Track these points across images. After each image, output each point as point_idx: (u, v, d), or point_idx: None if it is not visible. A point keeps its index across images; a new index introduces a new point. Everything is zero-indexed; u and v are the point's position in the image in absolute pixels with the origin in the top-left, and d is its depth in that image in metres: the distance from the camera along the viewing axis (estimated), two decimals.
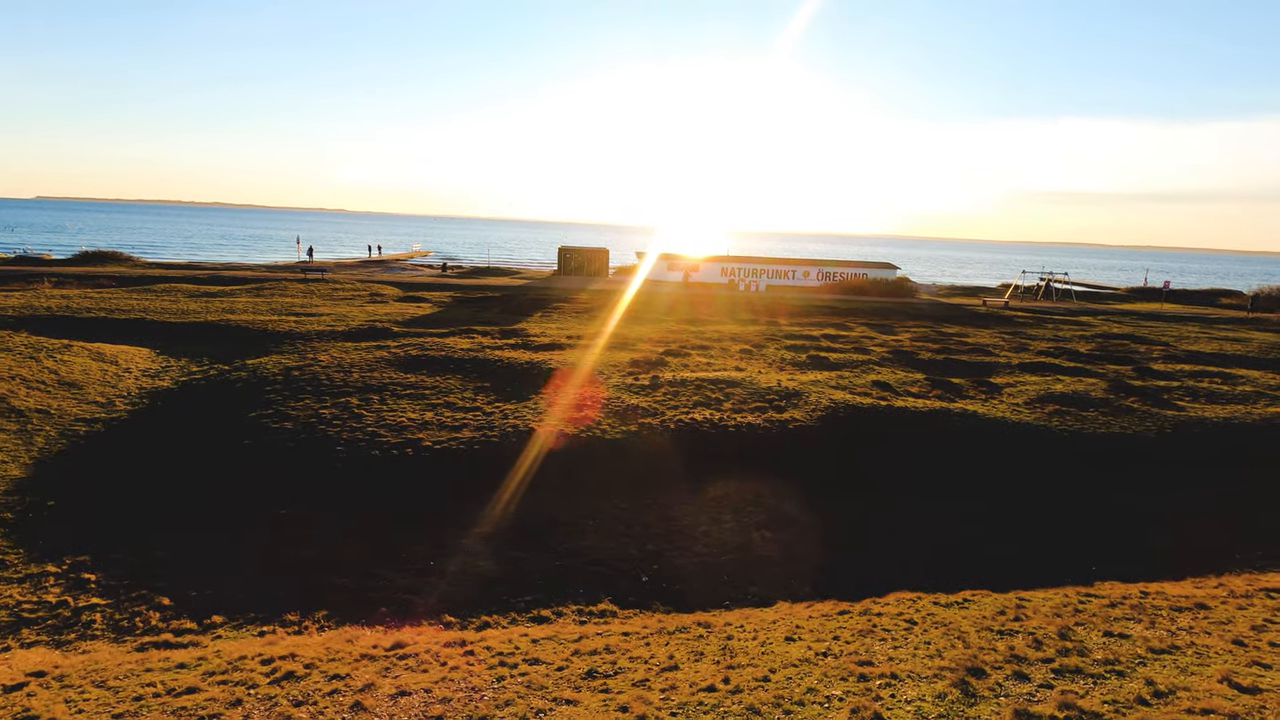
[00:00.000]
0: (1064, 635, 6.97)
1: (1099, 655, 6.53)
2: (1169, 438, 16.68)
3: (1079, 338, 36.07)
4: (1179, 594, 8.69)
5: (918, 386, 20.88)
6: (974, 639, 6.92)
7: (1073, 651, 6.55)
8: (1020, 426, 16.78)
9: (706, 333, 31.58)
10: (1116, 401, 19.42)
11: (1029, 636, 6.98)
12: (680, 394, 18.09)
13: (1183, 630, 7.28)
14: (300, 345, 24.11)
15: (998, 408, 18.55)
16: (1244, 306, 56.17)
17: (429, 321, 32.31)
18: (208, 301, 34.75)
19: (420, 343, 24.06)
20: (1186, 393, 21.75)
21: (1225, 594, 8.76)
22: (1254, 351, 32.24)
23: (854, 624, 7.58)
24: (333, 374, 18.67)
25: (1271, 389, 22.68)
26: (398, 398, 16.93)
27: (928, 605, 8.30)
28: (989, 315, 45.15)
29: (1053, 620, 7.45)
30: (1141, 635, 7.08)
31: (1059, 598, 8.65)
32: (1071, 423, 17.47)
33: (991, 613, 7.89)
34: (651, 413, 16.24)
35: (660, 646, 7.06)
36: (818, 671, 6.28)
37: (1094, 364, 26.85)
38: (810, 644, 6.90)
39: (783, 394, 18.28)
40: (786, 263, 63.43)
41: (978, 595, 8.79)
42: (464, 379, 19.27)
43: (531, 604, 9.20)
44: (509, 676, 6.31)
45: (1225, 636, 6.96)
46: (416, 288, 46.90)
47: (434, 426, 14.62)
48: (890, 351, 28.01)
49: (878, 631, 7.29)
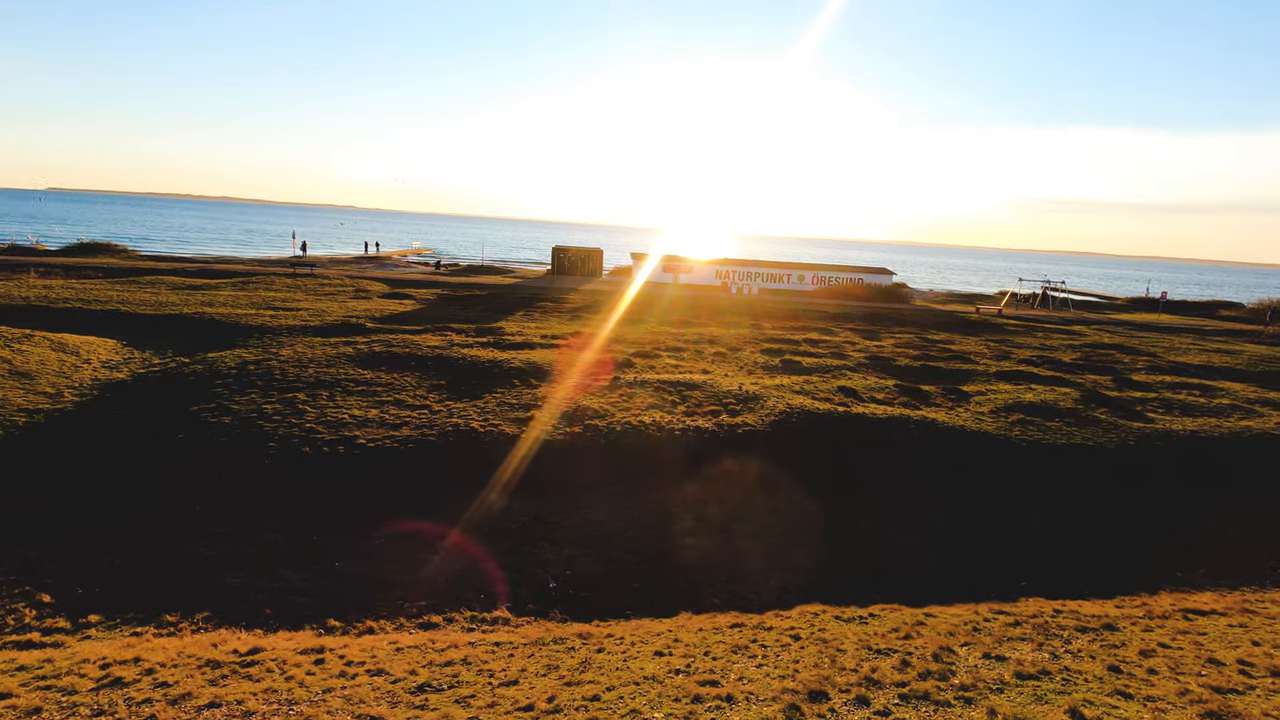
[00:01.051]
0: (938, 657, 6.67)
1: (961, 679, 6.23)
2: (1130, 450, 16.31)
3: (1066, 347, 35.64)
4: (1094, 613, 8.37)
5: (885, 393, 20.56)
6: (847, 658, 6.62)
7: (934, 675, 6.24)
8: (978, 435, 16.45)
9: (686, 335, 31.31)
10: (1085, 412, 19.07)
11: (904, 657, 6.67)
12: (637, 396, 17.84)
13: (1069, 653, 6.95)
14: (268, 339, 23.98)
15: (961, 416, 18.22)
16: (1246, 319, 55.51)
17: (407, 318, 32.15)
18: (189, 294, 34.69)
19: (389, 339, 23.89)
20: (1161, 404, 21.37)
21: (1142, 614, 8.43)
22: (1242, 364, 31.76)
23: (736, 639, 7.29)
24: (289, 369, 18.50)
25: (1249, 402, 22.27)
26: (348, 394, 16.74)
27: (827, 620, 8.02)
28: (980, 323, 44.73)
29: (941, 639, 7.14)
30: (1020, 658, 6.76)
31: (967, 614, 8.34)
32: (1034, 433, 17.12)
33: (886, 629, 7.59)
34: (601, 415, 15.99)
35: (523, 659, 6.80)
36: (654, 691, 6.01)
37: (1073, 374, 26.47)
38: (672, 660, 6.61)
39: (741, 398, 18.01)
40: (782, 266, 63.08)
41: (886, 610, 8.49)
42: (421, 376, 19.07)
43: (426, 609, 8.97)
44: (337, 689, 6.06)
45: (1107, 661, 6.63)
46: (405, 284, 46.81)
47: (374, 424, 14.42)
48: (868, 357, 27.68)
49: (753, 648, 7.00)
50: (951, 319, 46.22)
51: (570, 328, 31.63)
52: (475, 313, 35.99)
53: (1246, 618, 8.32)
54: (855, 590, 9.76)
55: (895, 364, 26.71)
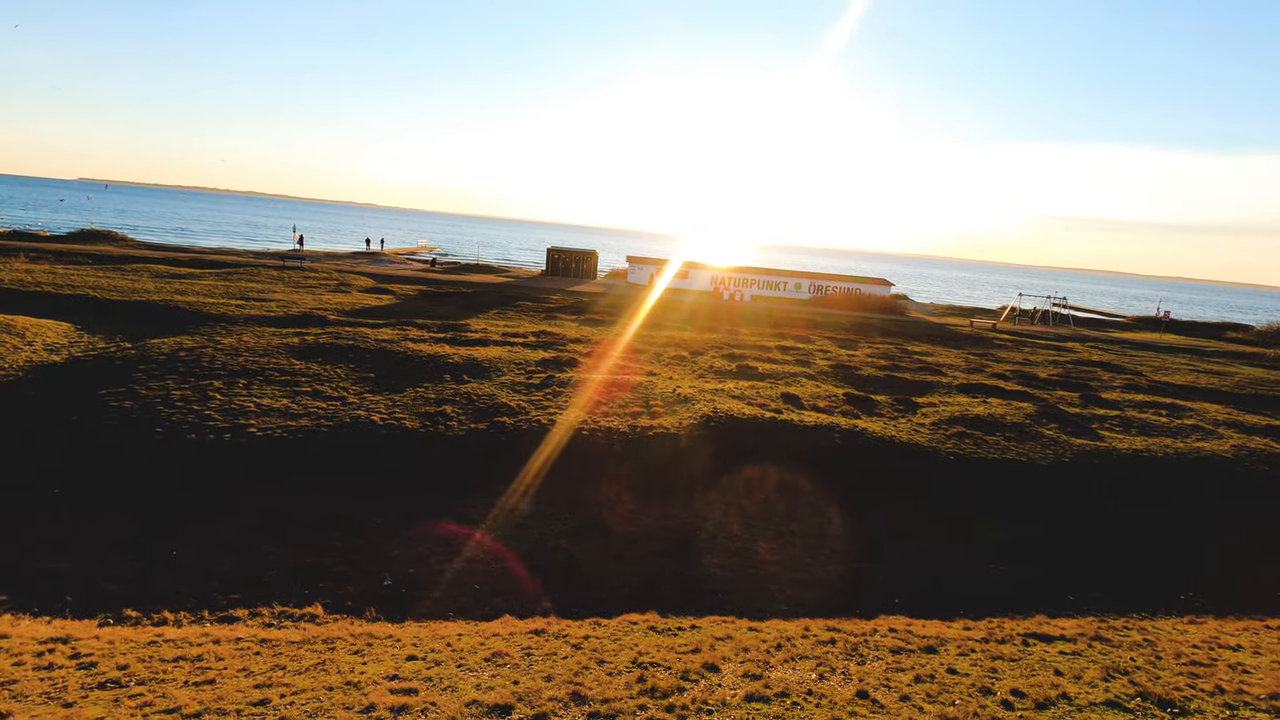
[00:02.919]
0: (689, 675, 6.20)
1: (690, 697, 5.78)
2: (1062, 467, 15.70)
3: (1050, 363, 34.83)
4: (931, 634, 7.88)
5: (829, 401, 20.07)
6: (594, 672, 6.17)
7: (659, 693, 5.77)
8: (906, 445, 15.93)
9: (653, 337, 30.95)
10: (1031, 428, 18.45)
11: (661, 671, 6.27)
12: (563, 395, 17.53)
13: (840, 674, 6.50)
14: (219, 328, 23.97)
15: (898, 427, 17.70)
16: (1252, 341, 54.15)
17: (376, 312, 32.12)
18: (168, 282, 34.94)
19: (341, 331, 23.76)
20: (1119, 423, 20.67)
21: (981, 636, 7.93)
22: (1229, 386, 30.84)
23: (512, 645, 6.89)
24: (220, 357, 18.41)
25: (1216, 424, 21.49)
26: (267, 383, 16.59)
27: (639, 630, 7.59)
28: (970, 336, 43.93)
29: (727, 654, 6.70)
30: (779, 677, 6.30)
31: (795, 630, 7.89)
32: (967, 446, 16.57)
33: (686, 642, 7.16)
34: (515, 411, 15.69)
35: (268, 658, 6.46)
36: (331, 697, 5.64)
37: (1042, 389, 25.78)
38: (400, 668, 6.20)
39: (672, 400, 17.63)
40: (779, 274, 62.58)
41: (715, 622, 8.06)
42: (354, 368, 18.91)
43: (238, 602, 8.67)
44: (32, 679, 5.76)
45: (865, 684, 6.16)
46: (391, 280, 46.92)
47: (276, 414, 14.23)
48: (834, 366, 27.16)
49: (514, 656, 6.59)
50: (942, 331, 45.43)
51: (539, 327, 31.42)
52: (450, 309, 35.90)
53: (1087, 645, 7.79)
54: (706, 601, 9.35)
55: (858, 373, 26.19)
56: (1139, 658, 7.39)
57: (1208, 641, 8.15)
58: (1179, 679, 6.78)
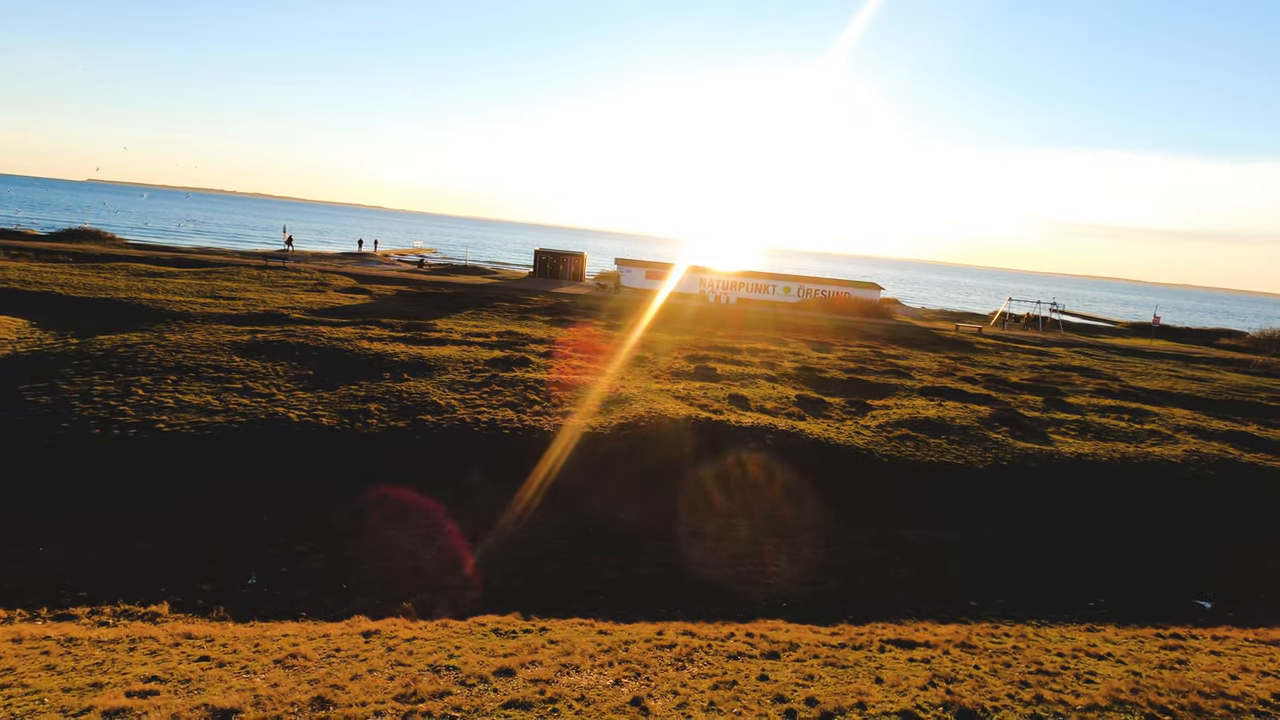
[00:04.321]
0: (469, 680, 5.86)
1: (451, 703, 5.48)
2: (1000, 471, 15.37)
3: (1027, 367, 34.44)
4: (788, 639, 7.57)
5: (777, 403, 19.78)
6: (365, 679, 5.83)
7: (424, 698, 5.52)
8: (841, 448, 15.63)
9: (624, 338, 30.72)
10: (979, 431, 18.11)
11: (447, 675, 5.98)
12: (501, 393, 17.31)
13: (640, 679, 6.19)
14: (174, 325, 23.90)
15: (841, 429, 17.39)
16: (1244, 348, 53.53)
17: (345, 311, 32.01)
18: (141, 281, 34.93)
19: (296, 330, 23.62)
20: (1076, 427, 20.30)
21: (840, 642, 7.62)
22: (1205, 392, 30.36)
23: (323, 646, 6.61)
24: (160, 353, 18.28)
25: (1178, 429, 21.07)
26: (199, 380, 16.43)
27: (476, 633, 7.32)
28: (952, 340, 43.54)
29: (534, 659, 6.40)
30: (563, 683, 6.02)
31: (648, 632, 7.60)
32: (907, 448, 16.25)
33: (511, 646, 6.86)
34: (444, 409, 15.48)
35: (47, 659, 6.18)
36: (60, 700, 5.41)
37: (1008, 393, 25.41)
38: (174, 670, 5.92)
39: (610, 400, 17.39)
40: (768, 277, 62.28)
41: (568, 624, 7.79)
42: (295, 366, 18.74)
43: (84, 600, 8.44)
44: None
45: (653, 691, 5.85)
46: (372, 280, 46.87)
47: (193, 410, 14.06)
48: (799, 368, 26.86)
49: (312, 659, 6.21)
50: (925, 335, 45.05)
51: (507, 327, 31.23)
52: (424, 310, 35.78)
53: (942, 653, 7.46)
54: (586, 601, 9.09)
55: (822, 376, 25.89)
56: (984, 666, 7.08)
57: (1080, 649, 7.82)
58: (1006, 688, 6.47)
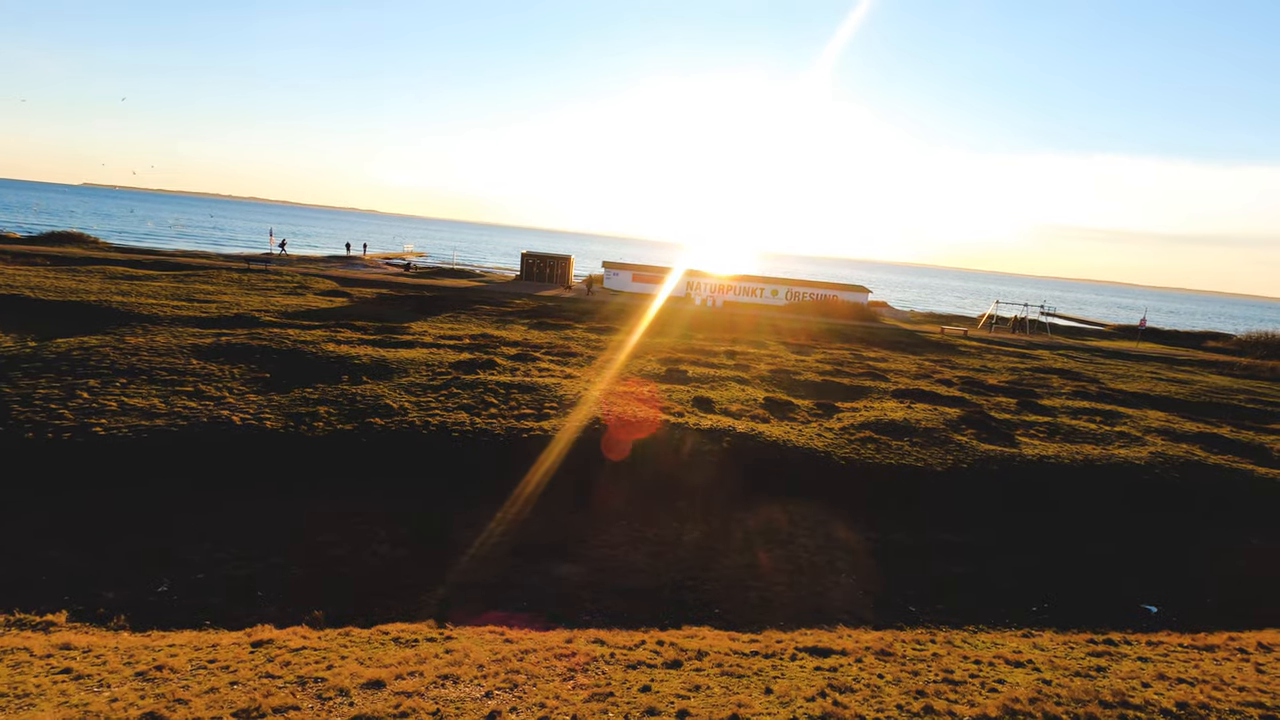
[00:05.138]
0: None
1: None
2: (959, 473, 15.17)
3: (1007, 369, 34.28)
4: (700, 648, 7.33)
5: (743, 405, 19.57)
6: (217, 693, 5.60)
7: (272, 711, 5.31)
8: (800, 450, 15.42)
9: (601, 340, 30.56)
10: (944, 433, 17.91)
11: (312, 689, 5.75)
12: (459, 396, 17.08)
13: (514, 690, 5.96)
14: (140, 327, 23.65)
15: (803, 432, 17.19)
16: (1230, 350, 53.46)
17: (320, 314, 31.77)
18: (116, 283, 34.69)
19: (263, 332, 23.38)
20: (1045, 430, 20.11)
21: (754, 650, 7.37)
22: (1183, 394, 30.20)
23: (197, 658, 6.34)
24: (115, 355, 18.05)
25: (1150, 431, 20.90)
26: (150, 383, 16.19)
27: (374, 642, 7.06)
28: (936, 343, 43.37)
29: (411, 671, 6.15)
30: (430, 695, 5.78)
31: (554, 640, 7.36)
32: (868, 451, 16.05)
33: (399, 657, 6.61)
34: (396, 413, 15.25)
35: None
36: None
37: (982, 395, 25.24)
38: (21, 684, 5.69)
39: (568, 403, 17.17)
40: (755, 280, 62.18)
41: (474, 632, 7.52)
42: (253, 369, 18.51)
43: None
44: None
45: (518, 704, 5.65)
46: (354, 283, 46.63)
47: (136, 413, 13.82)
48: (773, 371, 26.69)
49: (181, 670, 5.97)
50: (909, 338, 44.91)
51: (482, 330, 31.01)
52: (402, 312, 35.57)
53: (854, 661, 7.25)
54: (507, 610, 8.85)
55: (795, 378, 25.70)
56: (890, 675, 6.86)
57: (1001, 656, 7.60)
58: (900, 699, 6.25)
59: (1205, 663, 7.61)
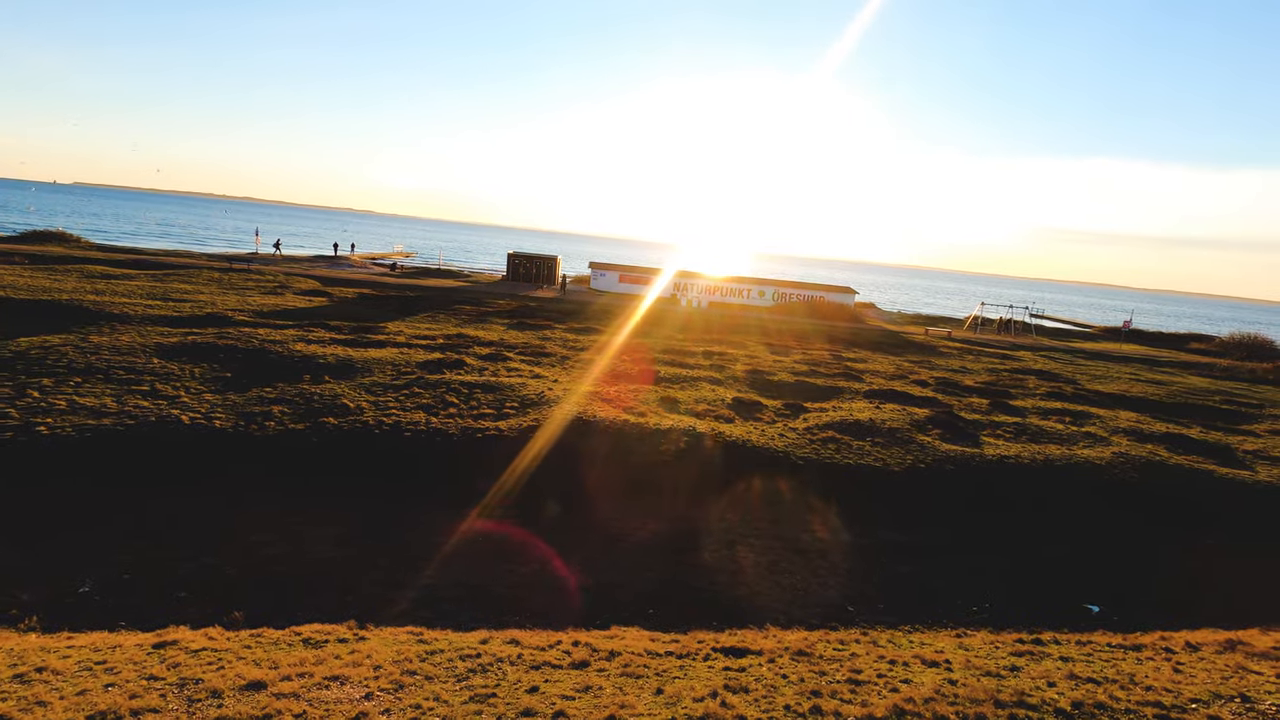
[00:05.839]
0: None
1: None
2: (915, 473, 15.13)
3: (986, 370, 34.29)
4: (612, 649, 7.24)
5: (709, 405, 19.51)
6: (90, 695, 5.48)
7: (129, 714, 5.19)
8: (758, 450, 15.37)
9: (578, 340, 30.50)
10: (907, 433, 17.87)
11: (186, 691, 5.63)
12: (420, 396, 16.99)
13: (406, 689, 5.89)
14: (106, 326, 23.52)
15: (765, 432, 17.14)
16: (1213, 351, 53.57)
17: (296, 314, 31.63)
18: (93, 282, 34.49)
19: (232, 332, 23.25)
20: (1012, 429, 20.08)
21: (669, 650, 7.27)
22: (1159, 394, 30.24)
23: (83, 661, 6.23)
24: (75, 355, 17.92)
25: (1117, 431, 20.89)
26: (107, 382, 16.06)
27: (282, 644, 6.97)
28: (918, 344, 43.41)
29: (299, 672, 6.07)
30: (313, 698, 5.71)
31: (469, 640, 7.29)
32: (828, 451, 16.00)
33: (294, 659, 6.50)
34: (352, 412, 15.16)
35: None
36: None
37: (955, 395, 25.22)
38: None
39: (531, 403, 17.09)
40: (741, 281, 62.19)
41: (384, 633, 7.41)
42: (215, 368, 18.39)
43: None
44: None
45: (389, 705, 5.56)
46: (336, 283, 46.46)
47: (84, 412, 13.71)
48: (748, 371, 26.65)
49: (66, 673, 5.88)
50: (892, 339, 44.92)
51: (460, 330, 30.90)
52: (382, 312, 35.46)
53: (767, 661, 7.15)
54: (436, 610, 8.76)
55: (769, 379, 25.67)
56: (794, 675, 6.79)
57: (920, 657, 7.53)
58: (793, 699, 6.17)
59: (1126, 662, 7.56)
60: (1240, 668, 7.35)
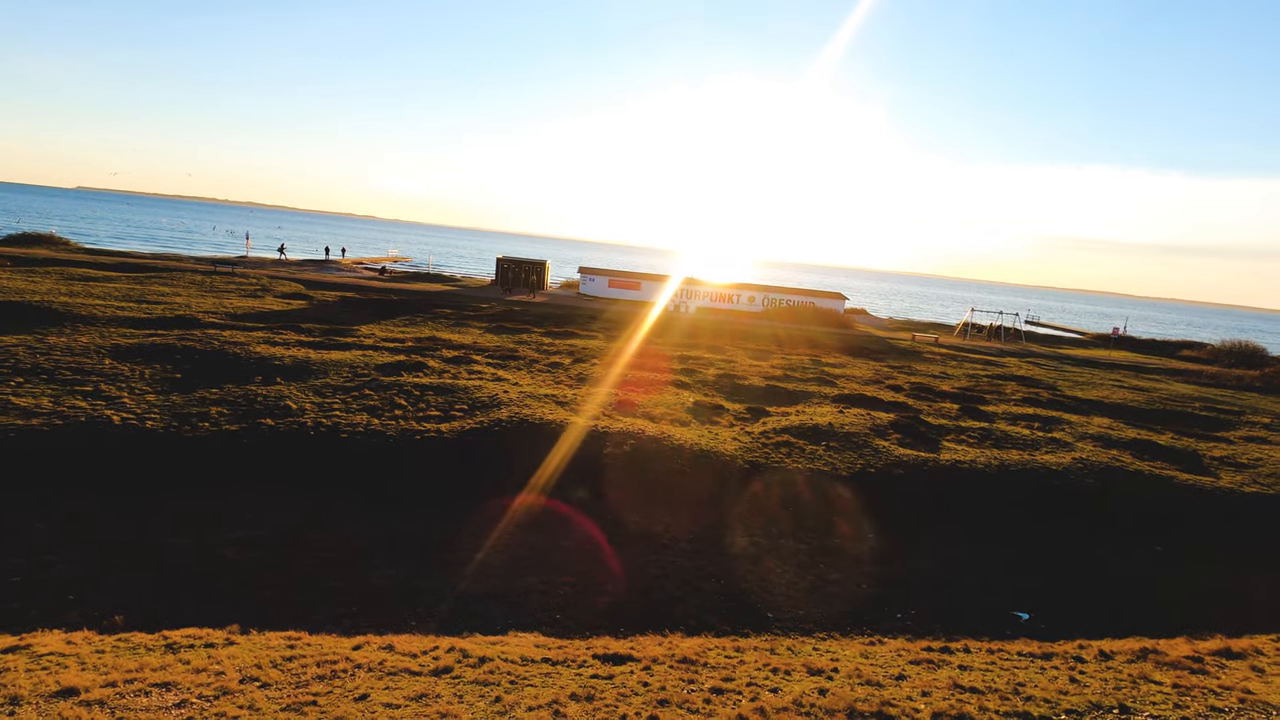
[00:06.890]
0: None
1: None
2: (867, 476, 14.88)
3: (966, 376, 34.01)
4: (482, 654, 6.97)
5: (666, 409, 19.29)
6: None
7: None
8: (705, 453, 15.13)
9: (553, 345, 30.29)
10: (865, 438, 17.62)
11: None
12: (369, 398, 16.79)
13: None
14: (68, 326, 23.42)
15: (718, 435, 16.91)
16: (1203, 359, 53.19)
17: (271, 316, 31.52)
18: (69, 284, 34.42)
19: (194, 333, 23.09)
20: (977, 435, 19.82)
21: (560, 658, 7.00)
22: (1139, 401, 29.93)
23: None
24: (24, 355, 17.76)
25: (1084, 436, 20.61)
26: (49, 382, 15.90)
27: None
28: (903, 350, 43.16)
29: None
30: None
31: (343, 646, 7.07)
32: (778, 456, 15.76)
33: (128, 663, 6.29)
34: (296, 413, 14.96)
35: None
36: None
37: (927, 400, 24.96)
38: None
39: (482, 405, 16.88)
40: (731, 287, 62.03)
41: (249, 639, 7.18)
42: (167, 369, 18.23)
43: None
44: None
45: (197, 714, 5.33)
46: (320, 286, 46.39)
47: (15, 412, 13.51)
48: (720, 376, 26.43)
49: None
50: (879, 344, 44.67)
51: (433, 333, 30.73)
52: (359, 315, 35.35)
53: (642, 670, 6.90)
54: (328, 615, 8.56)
55: (740, 383, 25.44)
56: (658, 683, 6.45)
57: (808, 664, 7.27)
58: (641, 706, 5.92)
59: (1027, 671, 7.29)
60: (1141, 678, 7.09)
